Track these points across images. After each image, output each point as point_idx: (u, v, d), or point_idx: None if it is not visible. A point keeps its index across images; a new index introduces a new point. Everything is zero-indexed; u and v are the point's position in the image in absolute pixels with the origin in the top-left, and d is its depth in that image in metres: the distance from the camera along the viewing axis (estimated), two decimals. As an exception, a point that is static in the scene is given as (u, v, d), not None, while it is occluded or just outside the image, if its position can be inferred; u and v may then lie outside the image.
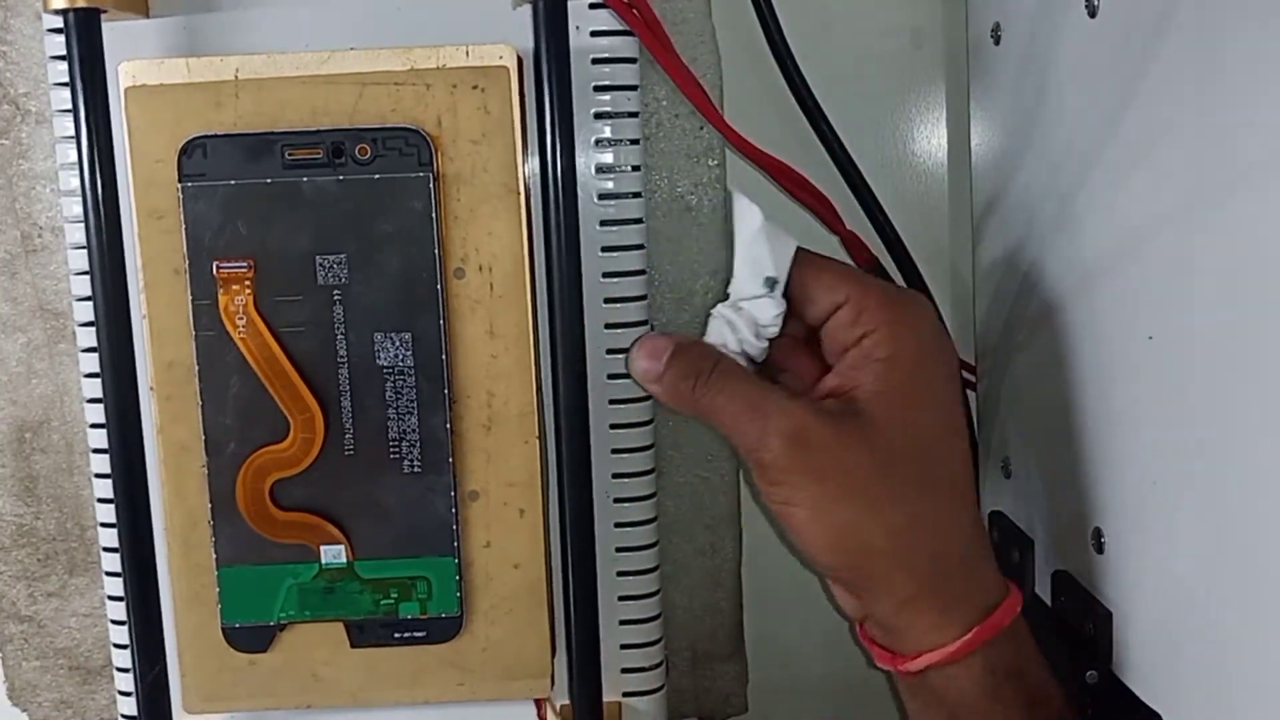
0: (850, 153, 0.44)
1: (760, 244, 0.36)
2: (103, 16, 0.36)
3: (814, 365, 0.37)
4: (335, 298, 0.38)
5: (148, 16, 0.39)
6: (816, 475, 0.34)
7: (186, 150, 0.38)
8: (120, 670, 0.43)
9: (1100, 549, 0.36)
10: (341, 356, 0.38)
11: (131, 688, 0.39)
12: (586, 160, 0.40)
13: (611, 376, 0.41)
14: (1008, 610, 0.35)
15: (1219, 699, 0.31)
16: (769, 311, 0.36)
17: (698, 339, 0.37)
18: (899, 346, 0.35)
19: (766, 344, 0.37)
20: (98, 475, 0.42)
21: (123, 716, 0.43)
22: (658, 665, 0.43)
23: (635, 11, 0.38)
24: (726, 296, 0.37)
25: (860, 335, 0.35)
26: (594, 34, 0.40)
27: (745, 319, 0.36)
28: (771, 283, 0.36)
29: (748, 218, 0.36)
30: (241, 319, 0.38)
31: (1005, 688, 0.35)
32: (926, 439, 0.35)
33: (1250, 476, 0.29)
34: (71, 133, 0.36)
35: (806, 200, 0.44)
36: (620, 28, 0.40)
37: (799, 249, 0.36)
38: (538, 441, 0.39)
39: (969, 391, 0.47)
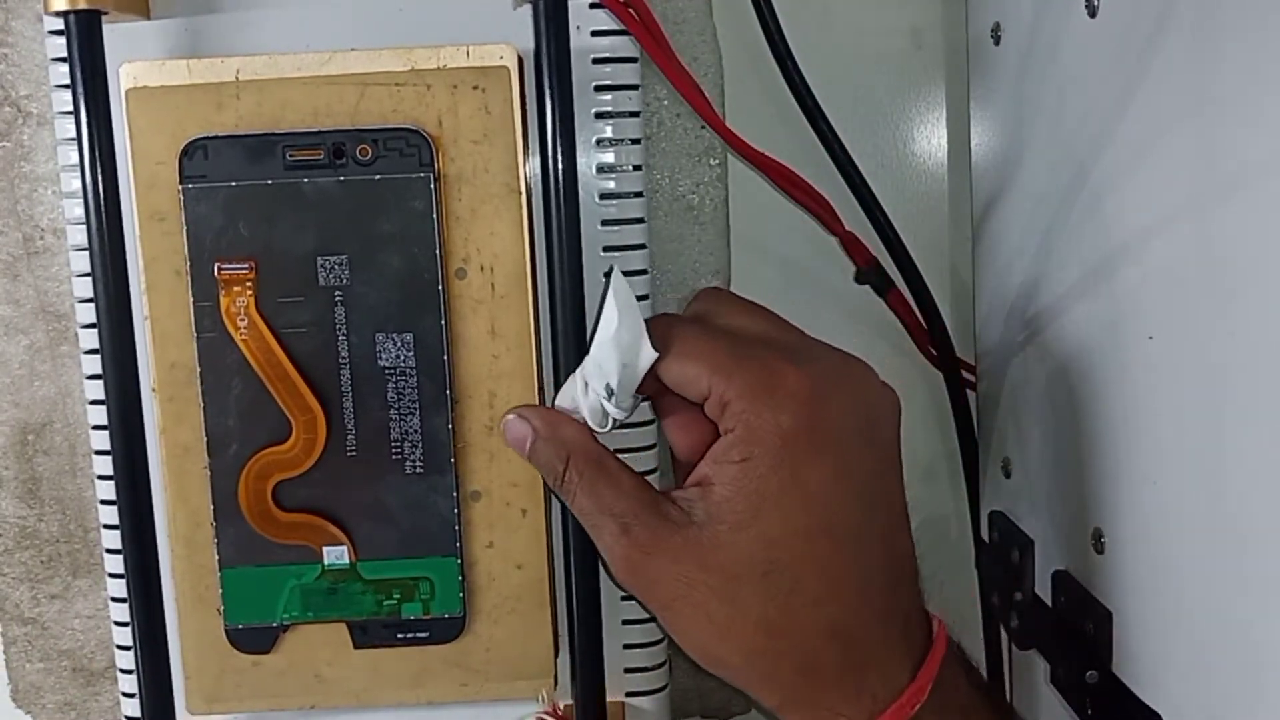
0: (850, 153, 0.44)
1: (608, 348, 0.34)
2: (104, 18, 0.36)
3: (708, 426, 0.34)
4: (337, 298, 0.38)
5: (149, 18, 0.39)
6: (654, 596, 0.33)
7: (188, 151, 0.38)
8: (124, 672, 0.43)
9: (1100, 549, 0.36)
10: (343, 357, 0.38)
11: (135, 689, 0.39)
12: (588, 160, 0.40)
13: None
14: (902, 707, 0.32)
15: (1219, 699, 0.31)
16: (609, 414, 0.35)
17: (556, 418, 0.36)
18: (756, 448, 0.32)
19: (623, 415, 0.35)
20: (100, 477, 0.42)
21: (126, 718, 0.43)
22: (661, 665, 0.43)
23: (632, 12, 0.39)
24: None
25: (723, 430, 0.33)
26: (595, 34, 0.40)
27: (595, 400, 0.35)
28: (610, 391, 0.35)
29: (611, 311, 0.34)
30: (243, 320, 0.38)
31: None
32: (784, 549, 0.32)
33: (1250, 476, 0.29)
34: (73, 135, 0.36)
35: (805, 201, 0.44)
36: (621, 27, 0.40)
37: (664, 327, 0.34)
38: (539, 442, 0.39)
39: (969, 391, 0.47)
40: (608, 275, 0.35)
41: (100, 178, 0.36)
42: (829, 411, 0.32)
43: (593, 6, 0.39)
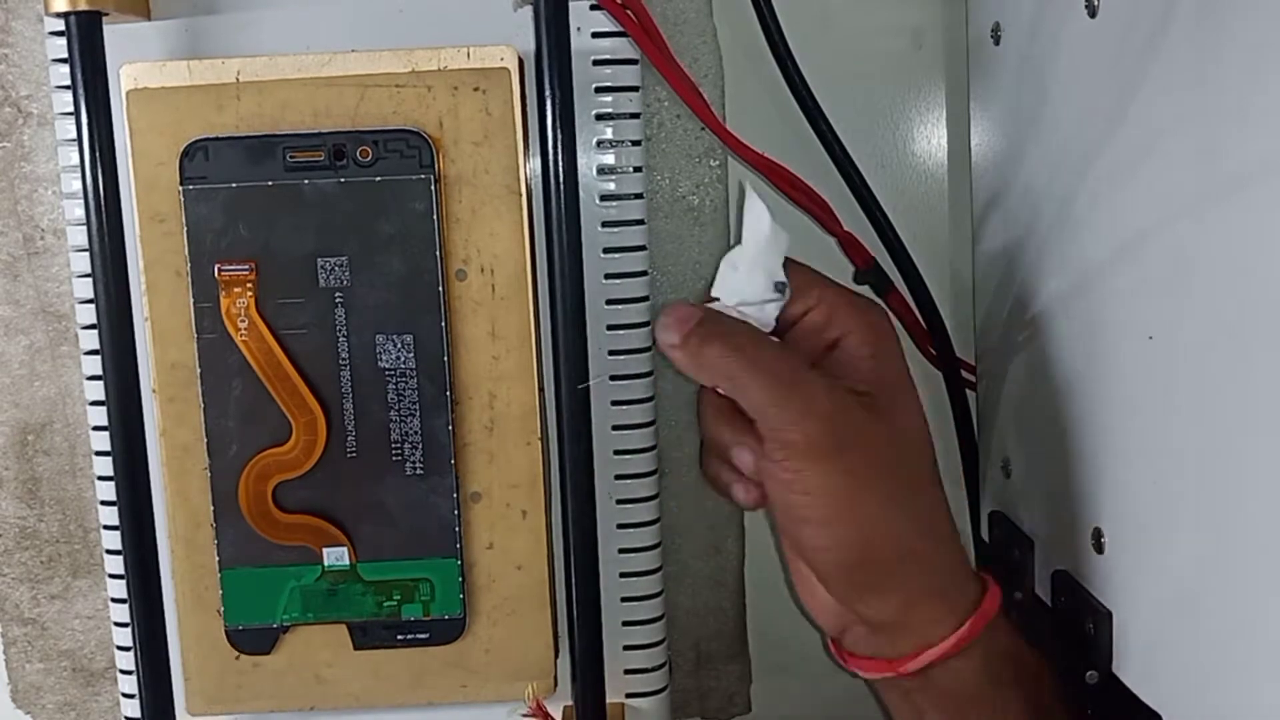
0: (850, 153, 0.44)
1: (772, 249, 0.36)
2: (104, 19, 0.36)
3: None
4: (337, 300, 0.38)
5: (149, 19, 0.39)
6: (846, 463, 0.33)
7: (188, 153, 0.38)
8: (124, 673, 0.43)
9: (1100, 549, 0.36)
10: (343, 358, 0.38)
11: (135, 690, 0.39)
12: (588, 161, 0.40)
13: (614, 377, 0.41)
14: (994, 597, 0.35)
15: (1219, 699, 0.31)
16: (774, 315, 0.36)
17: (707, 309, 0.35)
18: (880, 345, 0.35)
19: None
20: (100, 477, 0.42)
21: (126, 719, 0.43)
22: (661, 666, 0.43)
23: (630, 14, 0.39)
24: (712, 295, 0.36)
25: (837, 337, 0.35)
26: (595, 35, 0.40)
27: (751, 318, 0.36)
28: (782, 287, 0.36)
29: (758, 217, 0.36)
30: (243, 321, 0.38)
31: (1005, 671, 0.35)
32: (922, 433, 0.35)
33: (1250, 476, 0.29)
34: (73, 135, 0.36)
35: (803, 202, 0.44)
36: (622, 29, 0.40)
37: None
38: (540, 443, 0.39)
39: (969, 391, 0.47)
40: (741, 192, 0.37)
41: (101, 178, 0.36)
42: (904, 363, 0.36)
43: (593, 8, 0.39)
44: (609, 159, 0.40)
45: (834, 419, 0.33)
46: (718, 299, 0.36)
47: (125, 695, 0.43)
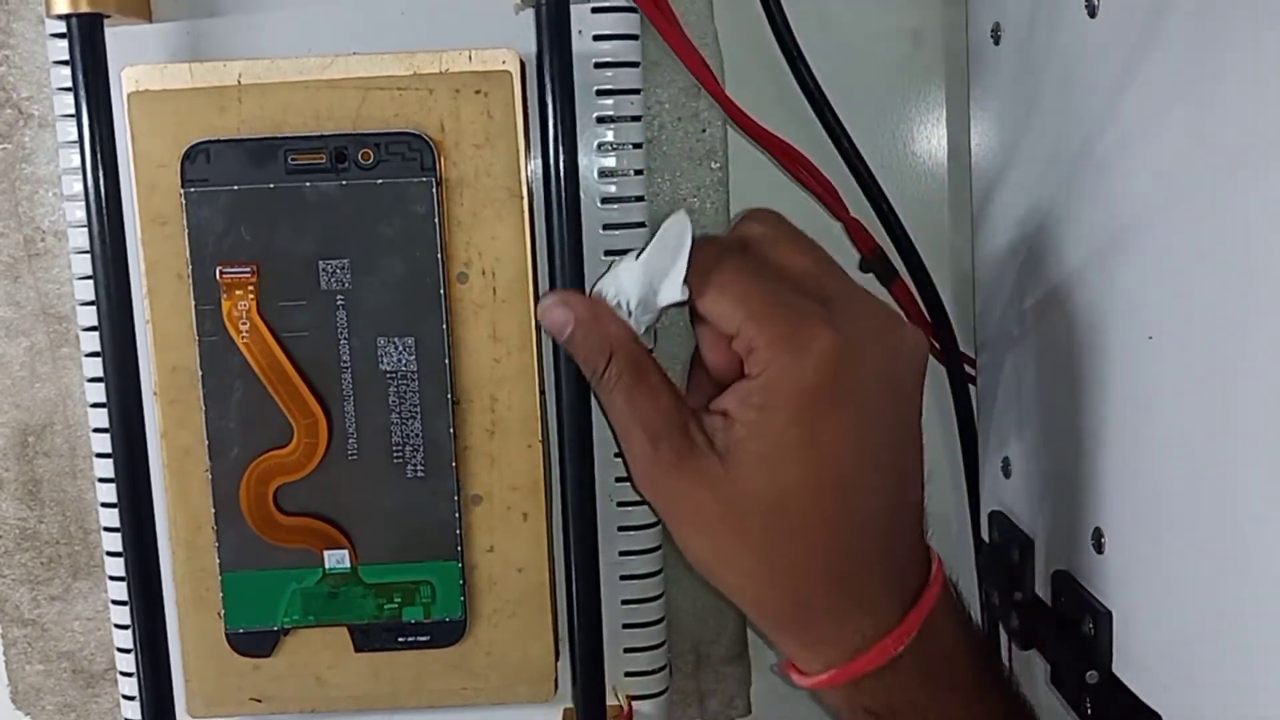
0: (856, 145, 0.44)
1: (637, 269, 0.35)
2: (106, 21, 0.36)
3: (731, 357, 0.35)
4: (338, 302, 0.38)
5: (150, 21, 0.39)
6: (667, 510, 0.35)
7: (189, 155, 0.38)
8: (124, 675, 0.43)
9: (1100, 549, 0.36)
10: (345, 361, 0.38)
11: (135, 692, 0.39)
12: (589, 164, 0.40)
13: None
14: (873, 657, 0.34)
15: (1219, 699, 0.31)
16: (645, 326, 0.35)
17: (600, 309, 0.35)
18: (776, 399, 0.33)
19: (639, 330, 0.35)
20: (101, 479, 0.42)
21: (126, 720, 0.43)
22: (661, 668, 0.43)
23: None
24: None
25: (747, 372, 0.33)
26: (596, 38, 0.40)
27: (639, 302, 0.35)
28: (629, 309, 0.35)
29: (657, 241, 0.35)
30: (245, 324, 0.38)
31: (942, 675, 0.34)
32: (792, 496, 0.33)
33: (1250, 476, 0.29)
34: (74, 137, 0.36)
35: (811, 185, 0.44)
36: (623, 31, 0.40)
37: (709, 255, 0.34)
38: (541, 445, 0.39)
39: (971, 386, 0.47)
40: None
41: (102, 181, 0.36)
42: (853, 371, 0.33)
43: (595, 11, 0.39)
44: (610, 162, 0.40)
45: (647, 475, 0.34)
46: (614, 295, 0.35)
47: (125, 697, 0.43)
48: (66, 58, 0.36)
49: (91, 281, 0.37)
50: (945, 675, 0.35)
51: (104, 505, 0.42)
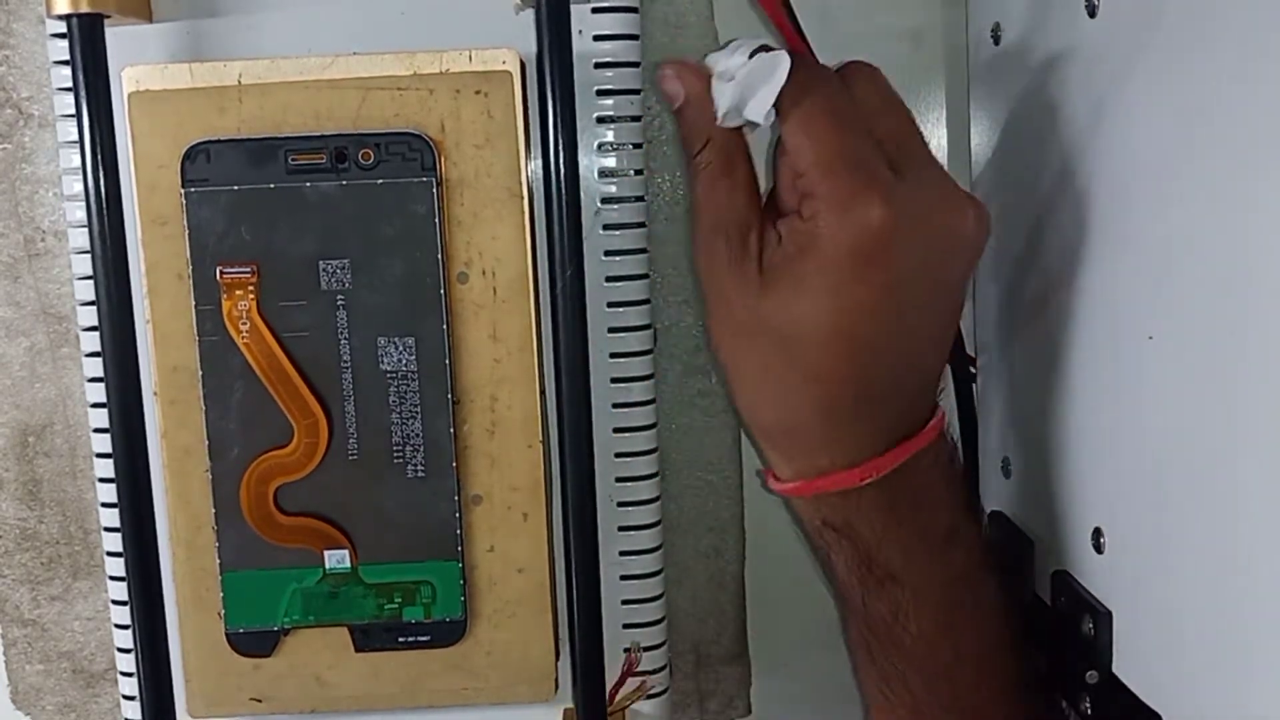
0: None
1: (740, 79, 0.35)
2: (106, 21, 0.36)
3: None
4: (339, 302, 0.38)
5: (151, 21, 0.39)
6: (709, 298, 0.37)
7: (190, 155, 0.38)
8: (124, 675, 0.43)
9: (1100, 549, 0.36)
10: (345, 361, 0.38)
11: (135, 692, 0.39)
12: (589, 164, 0.40)
13: (615, 380, 0.41)
14: (836, 480, 0.36)
15: (1219, 699, 0.31)
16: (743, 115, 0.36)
17: (704, 91, 0.36)
18: (816, 246, 0.34)
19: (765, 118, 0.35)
20: (101, 479, 0.42)
21: (126, 720, 0.43)
22: (661, 669, 0.43)
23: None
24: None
25: (800, 210, 0.35)
26: (596, 38, 0.40)
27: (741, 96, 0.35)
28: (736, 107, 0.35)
29: (758, 58, 0.35)
30: (245, 324, 0.38)
31: (830, 536, 0.37)
32: (806, 332, 0.35)
33: (1250, 476, 0.29)
34: (75, 137, 0.36)
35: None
36: (623, 31, 0.40)
37: (802, 83, 0.34)
38: (541, 445, 0.39)
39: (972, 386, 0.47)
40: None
41: (102, 181, 0.36)
42: (894, 247, 0.34)
43: (595, 11, 0.39)
44: (610, 162, 0.40)
45: (710, 264, 0.36)
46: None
47: (125, 697, 0.43)
48: (67, 58, 0.36)
49: (92, 281, 0.37)
50: (911, 520, 0.37)
51: (104, 505, 0.42)
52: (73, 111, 0.36)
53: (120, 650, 0.43)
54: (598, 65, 0.40)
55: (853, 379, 0.35)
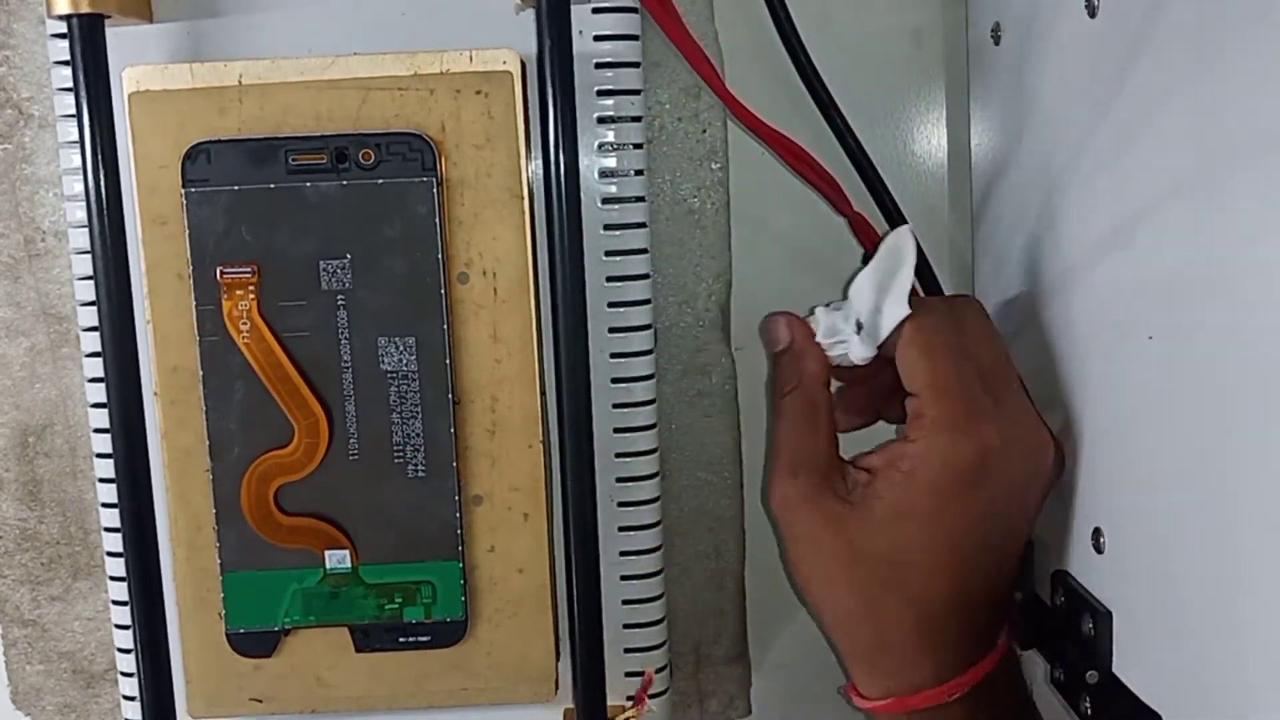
0: (864, 145, 0.44)
1: (865, 284, 0.38)
2: (106, 22, 0.36)
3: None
4: (339, 302, 0.38)
5: (151, 22, 0.39)
6: (788, 530, 0.38)
7: (190, 155, 0.38)
8: (124, 675, 0.43)
9: (1100, 549, 0.36)
10: (345, 361, 0.38)
11: (136, 692, 0.39)
12: (590, 164, 0.40)
13: (615, 380, 0.41)
14: (929, 697, 0.37)
15: (1219, 699, 0.31)
16: (850, 350, 0.38)
17: (809, 344, 0.39)
18: (924, 469, 0.36)
19: (862, 357, 0.38)
20: (101, 480, 0.42)
21: (127, 721, 0.43)
22: (662, 669, 0.43)
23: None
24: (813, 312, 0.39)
25: (907, 433, 0.36)
26: (597, 38, 0.40)
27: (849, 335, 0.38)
28: (859, 325, 0.38)
29: (880, 256, 0.38)
30: (245, 324, 0.38)
31: None
32: (906, 556, 0.36)
33: (1250, 476, 0.29)
34: (75, 138, 0.36)
35: (813, 180, 0.44)
36: (624, 31, 0.40)
37: (911, 303, 0.37)
38: (541, 445, 0.39)
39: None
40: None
41: (102, 181, 0.36)
42: (998, 469, 0.36)
43: (596, 11, 0.39)
44: (611, 162, 0.40)
45: (783, 505, 0.38)
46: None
47: (126, 697, 0.43)
48: (67, 58, 0.36)
49: (92, 282, 0.37)
50: None
51: (104, 505, 0.42)
52: (73, 112, 0.36)
53: (120, 650, 0.43)
54: (598, 65, 0.40)
55: (951, 598, 0.37)
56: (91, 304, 0.38)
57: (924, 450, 0.36)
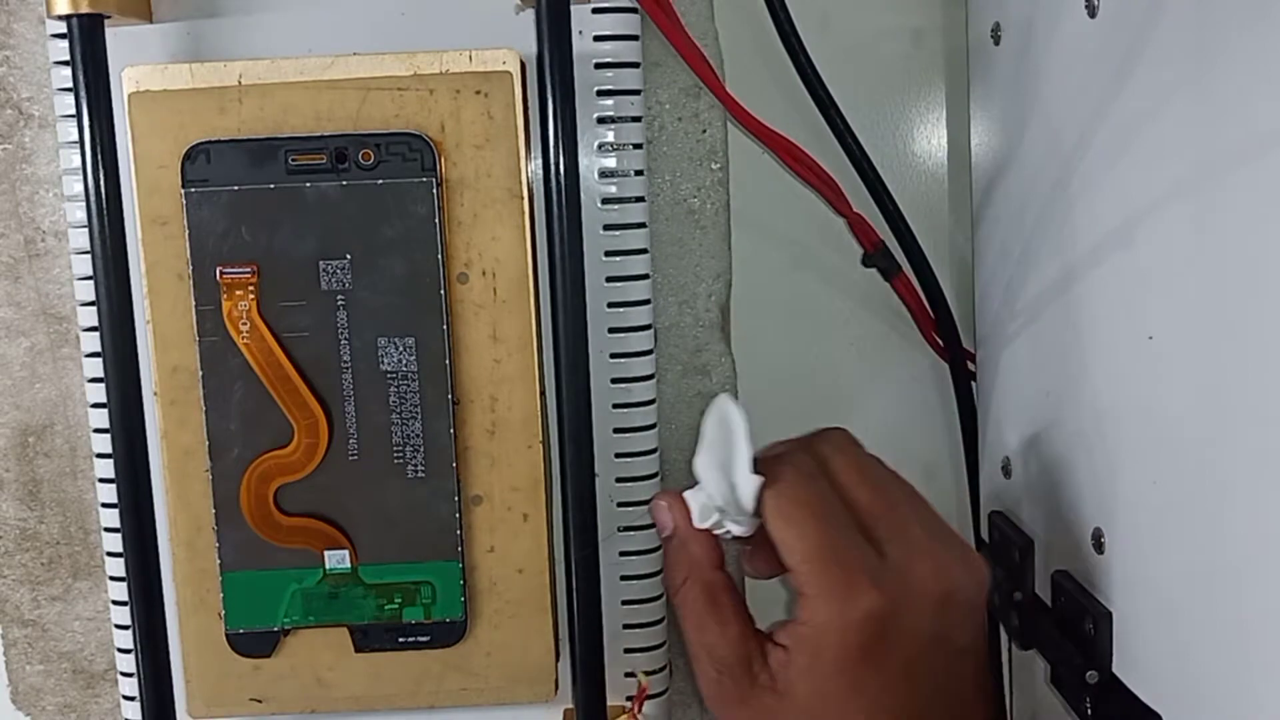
0: (864, 145, 0.44)
1: (708, 468, 0.36)
2: (106, 22, 0.36)
3: None
4: (339, 303, 0.38)
5: (151, 22, 0.39)
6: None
7: (190, 156, 0.38)
8: (124, 675, 0.43)
9: (1100, 549, 0.36)
10: (345, 361, 0.38)
11: (135, 692, 0.39)
12: (589, 164, 0.40)
13: (615, 380, 0.41)
14: None
15: (1219, 699, 0.31)
16: (729, 529, 0.36)
17: (691, 531, 0.37)
18: (824, 650, 0.34)
19: (744, 531, 0.36)
20: (101, 480, 0.42)
21: (127, 721, 0.43)
22: (661, 669, 0.43)
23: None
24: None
25: (798, 615, 0.35)
26: (597, 39, 0.40)
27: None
28: (722, 510, 0.36)
29: (708, 431, 0.36)
30: (245, 324, 0.38)
31: None
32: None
33: (1250, 476, 0.29)
34: (75, 138, 0.36)
35: (812, 181, 0.44)
36: (623, 31, 0.40)
37: (775, 466, 0.35)
38: (541, 446, 0.39)
39: (973, 383, 0.47)
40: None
41: (102, 181, 0.36)
42: (896, 628, 0.34)
43: (596, 11, 0.39)
44: (610, 162, 0.40)
45: (709, 694, 0.36)
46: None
47: (126, 697, 0.43)
48: (67, 58, 0.36)
49: (92, 282, 0.37)
50: None
51: (104, 506, 0.42)
52: (73, 112, 0.36)
53: (120, 650, 0.43)
54: (598, 65, 0.40)
55: None
56: (91, 304, 0.38)
57: (816, 631, 0.34)
